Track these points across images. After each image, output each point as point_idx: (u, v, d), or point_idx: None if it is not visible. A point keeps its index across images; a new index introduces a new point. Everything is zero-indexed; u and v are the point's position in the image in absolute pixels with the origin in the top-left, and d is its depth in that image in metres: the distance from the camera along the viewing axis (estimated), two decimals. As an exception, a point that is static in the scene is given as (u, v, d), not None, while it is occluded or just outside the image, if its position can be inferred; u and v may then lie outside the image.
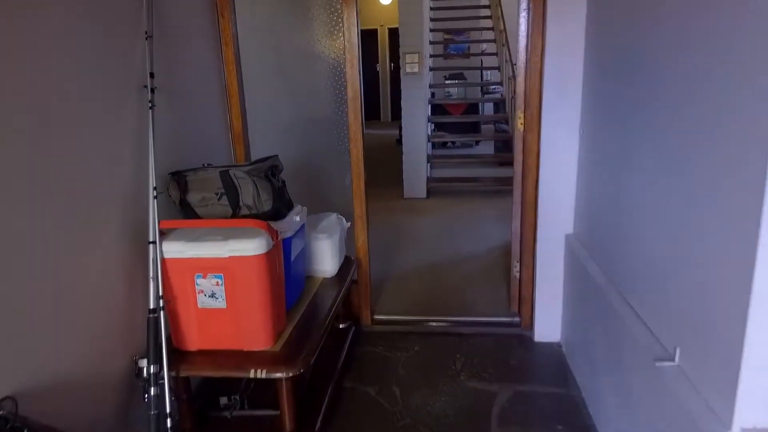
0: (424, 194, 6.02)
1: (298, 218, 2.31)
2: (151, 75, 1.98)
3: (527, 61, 2.67)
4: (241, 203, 2.12)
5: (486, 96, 8.47)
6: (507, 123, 7.00)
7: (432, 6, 7.58)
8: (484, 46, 8.65)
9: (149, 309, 1.85)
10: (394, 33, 5.77)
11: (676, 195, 1.51)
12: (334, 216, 2.77)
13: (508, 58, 6.64)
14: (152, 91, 1.98)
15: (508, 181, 6.28)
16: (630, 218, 1.91)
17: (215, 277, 1.92)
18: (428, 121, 6.37)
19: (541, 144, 2.69)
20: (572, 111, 2.61)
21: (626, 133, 1.93)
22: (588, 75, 2.48)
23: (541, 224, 2.79)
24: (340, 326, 2.93)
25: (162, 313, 1.86)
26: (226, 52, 2.77)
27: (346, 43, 2.75)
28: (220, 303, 1.94)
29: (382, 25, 12.71)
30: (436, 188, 6.26)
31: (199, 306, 1.95)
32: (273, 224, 2.06)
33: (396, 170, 6.22)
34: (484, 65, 8.71)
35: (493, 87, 8.36)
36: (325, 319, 2.32)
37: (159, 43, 2.14)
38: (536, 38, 2.60)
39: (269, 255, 1.94)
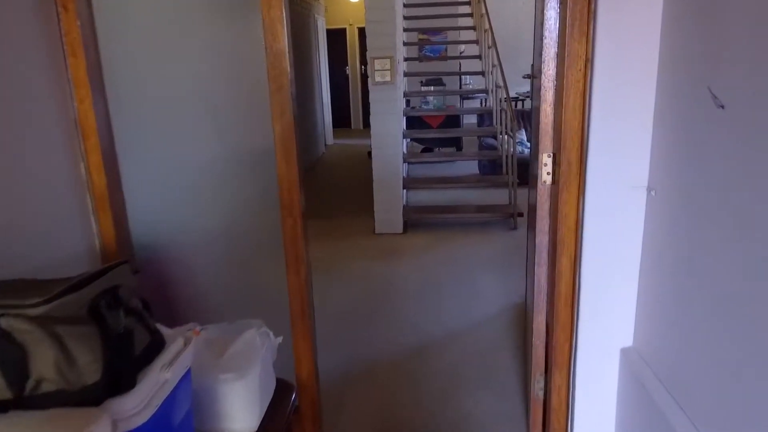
0: (400, 228, 4.97)
1: (169, 373, 1.26)
2: None
3: (560, 77, 1.67)
4: (31, 376, 1.07)
5: (466, 105, 7.48)
6: (495, 138, 6.02)
7: (405, 2, 6.55)
8: (462, 47, 7.68)
9: None
10: (364, 32, 4.72)
11: None
12: (252, 331, 1.70)
13: (496, 62, 5.64)
14: None
15: (498, 209, 5.36)
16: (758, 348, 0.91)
17: None
18: (403, 138, 5.35)
19: (585, 208, 1.69)
20: (637, 157, 1.62)
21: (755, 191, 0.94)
22: (666, 99, 1.49)
23: (583, 329, 1.79)
24: (273, 491, 1.89)
25: None
26: (75, 66, 1.70)
27: (267, 50, 1.71)
28: None
29: (351, 24, 11.63)
30: (414, 220, 5.21)
31: None
32: (107, 412, 1.02)
33: (367, 192, 5.05)
34: (463, 69, 7.74)
35: (474, 94, 7.39)
36: None
37: None
38: (577, 42, 1.59)
39: None
